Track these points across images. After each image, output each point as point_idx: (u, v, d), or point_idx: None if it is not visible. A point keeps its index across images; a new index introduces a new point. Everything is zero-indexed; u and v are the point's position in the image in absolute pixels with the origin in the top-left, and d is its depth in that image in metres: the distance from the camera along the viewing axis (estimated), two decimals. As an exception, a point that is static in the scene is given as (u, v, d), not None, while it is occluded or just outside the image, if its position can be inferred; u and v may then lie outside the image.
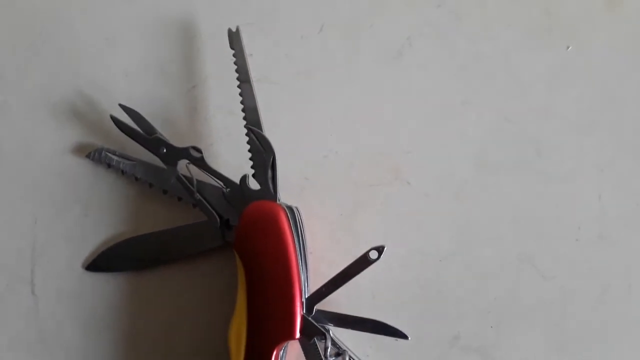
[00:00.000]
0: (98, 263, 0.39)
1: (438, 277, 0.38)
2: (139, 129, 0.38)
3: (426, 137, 0.39)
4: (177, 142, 0.38)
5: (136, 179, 0.39)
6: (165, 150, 0.38)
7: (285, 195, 0.37)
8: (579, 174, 0.38)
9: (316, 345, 0.35)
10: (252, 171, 0.37)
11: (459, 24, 0.39)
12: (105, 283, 0.39)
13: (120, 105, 0.39)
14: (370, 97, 0.39)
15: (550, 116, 0.38)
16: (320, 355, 0.35)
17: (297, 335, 0.34)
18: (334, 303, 0.37)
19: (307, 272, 0.36)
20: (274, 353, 0.33)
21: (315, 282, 0.36)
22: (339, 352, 0.34)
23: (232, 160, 0.39)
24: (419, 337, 0.37)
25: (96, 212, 0.40)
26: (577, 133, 0.39)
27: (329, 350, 0.34)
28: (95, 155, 0.40)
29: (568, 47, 0.39)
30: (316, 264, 0.37)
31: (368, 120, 0.39)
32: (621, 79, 0.39)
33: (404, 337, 0.35)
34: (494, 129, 0.39)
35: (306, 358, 0.35)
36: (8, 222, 0.40)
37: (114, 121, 0.38)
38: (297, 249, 0.35)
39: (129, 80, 0.41)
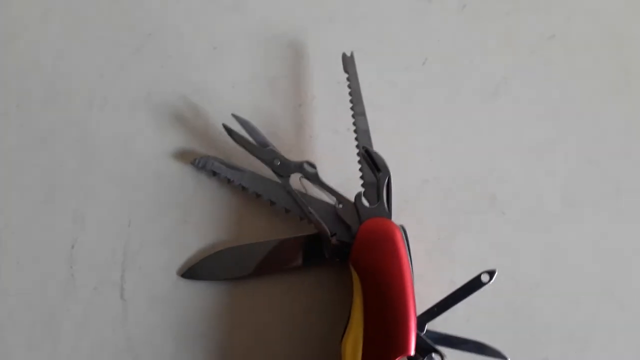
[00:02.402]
0: (196, 270, 0.39)
1: (528, 304, 0.40)
2: (251, 140, 0.39)
3: (519, 170, 0.41)
4: (283, 157, 0.39)
5: (243, 188, 0.39)
6: (279, 163, 0.38)
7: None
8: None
9: (424, 363, 0.36)
10: (360, 189, 0.38)
11: (549, 69, 0.43)
12: (200, 291, 0.39)
13: (233, 115, 0.39)
14: (468, 129, 0.42)
15: (628, 158, 0.42)
16: (428, 373, 0.36)
17: (412, 352, 0.35)
18: (430, 324, 0.38)
19: (413, 291, 0.37)
20: (391, 367, 0.34)
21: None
22: (454, 370, 0.35)
23: (334, 178, 0.40)
24: (510, 360, 0.38)
25: (196, 219, 0.39)
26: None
27: (446, 367, 0.35)
28: (201, 163, 0.40)
29: (644, 100, 0.44)
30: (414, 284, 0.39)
31: (465, 150, 0.41)
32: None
33: (504, 358, 0.37)
34: (578, 167, 0.42)
35: (414, 375, 0.36)
36: (101, 222, 0.39)
37: (226, 130, 0.39)
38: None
39: (235, 91, 0.41)
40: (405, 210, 0.40)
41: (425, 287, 0.38)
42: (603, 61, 0.44)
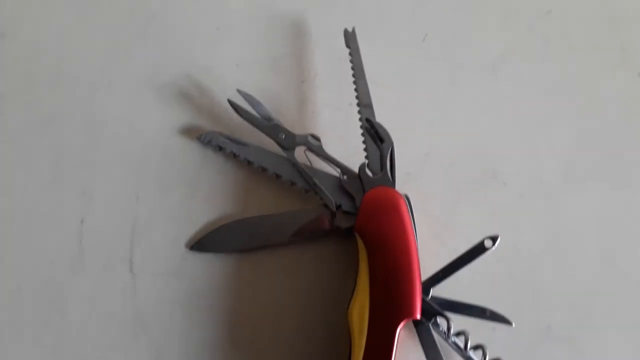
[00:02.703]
0: (204, 243, 0.39)
1: (531, 271, 0.40)
2: (256, 114, 0.40)
3: (519, 143, 0.42)
4: (288, 132, 0.40)
5: (248, 162, 0.40)
6: (284, 137, 0.39)
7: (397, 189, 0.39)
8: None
9: (430, 327, 0.37)
10: (364, 161, 0.39)
11: (547, 45, 0.44)
12: (209, 263, 0.39)
13: (238, 90, 0.40)
14: (468, 104, 0.43)
15: (626, 130, 0.43)
16: (433, 337, 0.36)
17: (418, 315, 0.35)
18: (435, 291, 0.39)
19: (417, 258, 0.38)
20: (397, 331, 0.35)
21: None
22: (460, 332, 0.36)
23: (337, 152, 0.40)
24: (514, 327, 0.39)
25: (203, 193, 0.40)
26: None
27: (452, 329, 0.35)
28: (207, 138, 0.40)
29: (640, 73, 0.45)
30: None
31: (466, 123, 0.42)
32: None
33: (509, 323, 0.37)
34: (577, 139, 0.43)
35: (420, 339, 0.36)
36: (110, 198, 0.40)
37: (232, 105, 0.40)
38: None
39: (239, 70, 0.42)
40: (408, 182, 0.41)
41: (428, 256, 0.38)
42: (599, 36, 0.45)
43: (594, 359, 0.40)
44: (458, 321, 0.37)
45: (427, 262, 0.38)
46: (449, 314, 0.37)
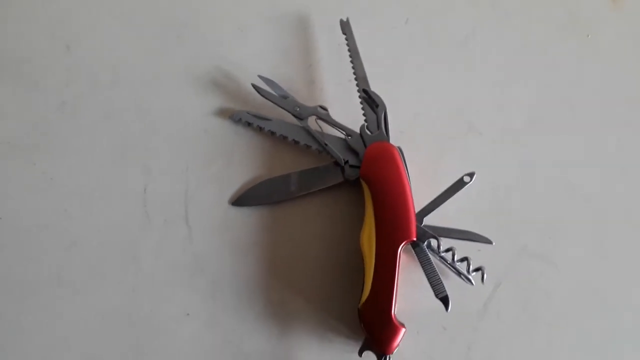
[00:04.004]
0: (242, 199, 0.49)
1: (506, 202, 0.50)
2: (275, 94, 0.50)
3: (490, 100, 0.52)
4: (301, 106, 0.49)
5: (272, 133, 0.50)
6: (298, 109, 0.49)
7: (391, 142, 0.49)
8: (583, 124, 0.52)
9: (424, 247, 0.46)
10: (363, 123, 0.49)
11: (508, 18, 0.53)
12: (247, 215, 0.49)
13: (259, 76, 0.50)
14: (447, 72, 0.52)
15: (578, 83, 0.52)
16: (428, 255, 0.46)
17: (414, 237, 0.45)
18: (428, 221, 0.48)
19: (411, 197, 0.47)
20: (399, 250, 0.44)
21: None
22: (449, 248, 0.45)
23: (341, 118, 0.50)
24: (495, 248, 0.48)
25: (238, 160, 0.50)
26: (607, 100, 0.52)
27: (441, 247, 0.45)
28: (237, 117, 0.50)
29: (588, 35, 0.53)
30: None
31: (446, 88, 0.52)
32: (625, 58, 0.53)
33: (489, 242, 0.47)
34: (538, 93, 0.52)
35: (417, 257, 0.46)
36: (165, 171, 0.50)
37: (255, 88, 0.49)
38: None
39: (258, 60, 0.52)
40: (402, 138, 0.50)
41: (421, 193, 0.48)
42: (552, 7, 0.54)
43: (563, 269, 0.49)
44: (448, 244, 0.47)
45: (419, 198, 0.47)
46: (440, 238, 0.47)
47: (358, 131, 0.48)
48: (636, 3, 0.54)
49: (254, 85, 0.50)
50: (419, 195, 0.48)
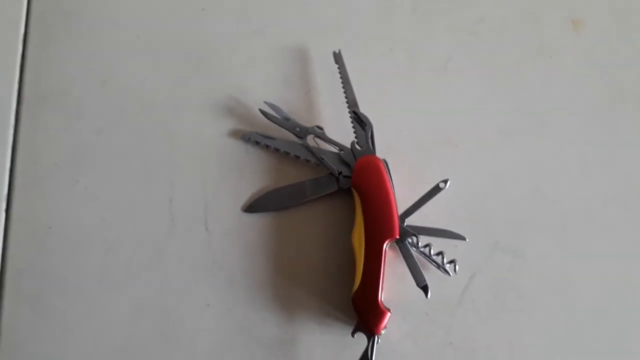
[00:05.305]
0: (253, 207, 0.58)
1: (481, 204, 0.57)
2: (279, 117, 0.58)
3: (464, 117, 0.59)
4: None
5: (277, 150, 0.58)
6: (298, 129, 0.57)
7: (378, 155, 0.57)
8: (560, 133, 0.59)
9: (407, 244, 0.53)
10: (354, 140, 0.57)
11: (482, 44, 0.61)
12: (257, 220, 0.58)
13: (265, 102, 0.58)
14: (428, 94, 0.60)
15: (546, 101, 0.59)
16: (410, 251, 0.53)
17: (398, 235, 0.53)
18: (410, 222, 0.55)
19: (396, 202, 0.55)
20: (384, 246, 0.52)
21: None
22: (427, 244, 0.53)
23: (336, 136, 0.58)
24: (470, 243, 0.55)
25: (248, 174, 0.59)
26: (569, 113, 0.60)
27: (419, 243, 0.52)
28: (247, 137, 0.59)
29: (551, 56, 0.60)
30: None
31: (427, 108, 0.59)
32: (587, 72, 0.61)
33: (463, 238, 0.54)
34: (509, 111, 0.59)
35: (401, 252, 0.54)
36: (187, 185, 0.59)
37: (262, 113, 0.58)
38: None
39: (264, 87, 0.60)
40: (389, 153, 0.57)
41: (403, 199, 0.55)
42: (522, 34, 0.61)
43: (532, 264, 0.56)
44: (428, 241, 0.54)
45: (403, 202, 0.55)
46: (420, 236, 0.54)
47: (349, 146, 0.56)
48: (593, 27, 0.61)
49: (261, 110, 0.58)
50: (403, 199, 0.55)
